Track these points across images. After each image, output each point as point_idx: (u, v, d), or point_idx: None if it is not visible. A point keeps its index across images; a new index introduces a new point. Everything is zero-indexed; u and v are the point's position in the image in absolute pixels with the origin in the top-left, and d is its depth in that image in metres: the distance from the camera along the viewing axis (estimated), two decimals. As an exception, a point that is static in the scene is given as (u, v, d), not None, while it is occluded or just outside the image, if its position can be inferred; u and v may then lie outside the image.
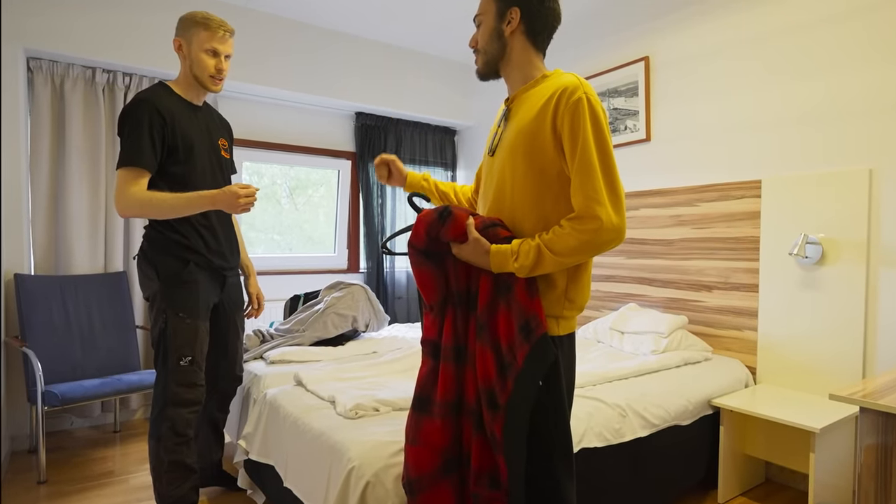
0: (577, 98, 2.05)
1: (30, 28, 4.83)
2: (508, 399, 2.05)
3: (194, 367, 3.22)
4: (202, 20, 3.18)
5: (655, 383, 3.83)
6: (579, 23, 5.98)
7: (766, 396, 3.92)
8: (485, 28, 2.33)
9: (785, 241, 4.17)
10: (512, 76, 2.35)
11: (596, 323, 5.16)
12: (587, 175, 2.02)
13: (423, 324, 2.39)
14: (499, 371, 2.10)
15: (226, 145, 3.52)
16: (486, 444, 2.15)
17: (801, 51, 4.14)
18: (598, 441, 3.20)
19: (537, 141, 2.12)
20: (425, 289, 2.32)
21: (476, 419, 2.17)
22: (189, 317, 3.19)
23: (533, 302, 2.08)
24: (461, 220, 2.19)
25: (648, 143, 5.26)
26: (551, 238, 2.04)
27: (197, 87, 3.31)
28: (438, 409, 2.23)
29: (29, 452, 4.82)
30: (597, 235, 1.99)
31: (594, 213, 1.99)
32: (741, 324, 4.45)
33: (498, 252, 2.11)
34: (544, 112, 2.11)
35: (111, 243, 5.40)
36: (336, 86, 6.52)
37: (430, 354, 2.33)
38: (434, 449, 2.22)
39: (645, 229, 5.19)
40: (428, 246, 2.28)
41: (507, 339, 2.10)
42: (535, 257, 2.04)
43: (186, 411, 3.20)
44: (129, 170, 2.99)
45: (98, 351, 4.95)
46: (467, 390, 2.22)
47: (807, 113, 4.12)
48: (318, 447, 2.88)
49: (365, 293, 5.14)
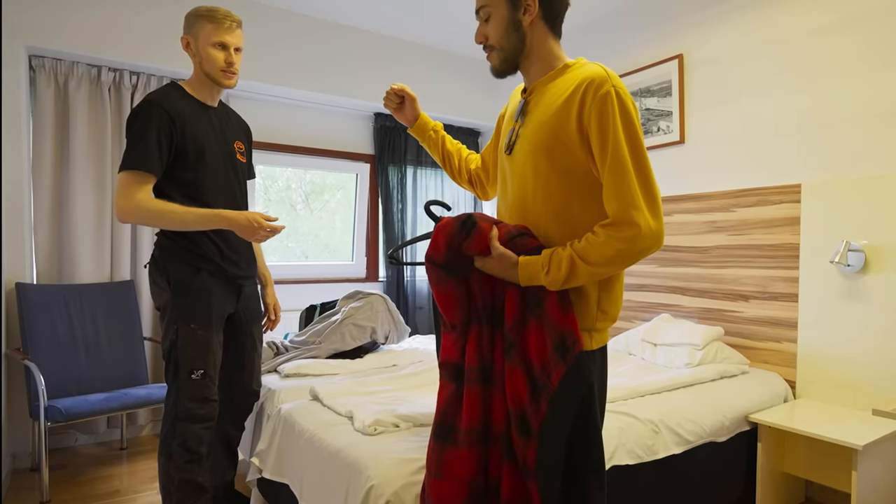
0: (606, 91, 1.97)
1: (32, 24, 4.87)
2: (542, 423, 1.98)
3: (206, 381, 3.22)
4: (206, 13, 3.20)
5: (690, 398, 3.85)
6: (608, 19, 6.04)
7: (806, 412, 3.95)
8: (496, 20, 2.21)
9: (826, 249, 4.20)
10: (532, 68, 2.26)
11: (627, 334, 5.19)
12: (620, 177, 1.95)
13: (442, 344, 2.30)
14: (531, 393, 2.03)
15: (242, 148, 3.54)
16: (517, 472, 2.08)
17: (846, 48, 4.18)
18: (629, 458, 3.21)
19: (561, 139, 2.05)
20: (447, 307, 2.23)
21: (506, 446, 2.10)
22: (200, 328, 3.21)
23: (567, 317, 2.02)
24: (485, 231, 2.12)
25: (682, 145, 5.31)
26: (585, 247, 1.98)
27: (210, 85, 3.33)
28: (464, 438, 2.13)
29: (31, 471, 4.86)
30: (635, 243, 1.93)
31: (631, 218, 1.92)
32: (780, 335, 4.48)
33: (528, 264, 2.04)
34: (568, 106, 2.03)
35: (118, 251, 5.44)
36: (354, 85, 6.55)
37: (451, 378, 2.23)
38: (461, 481, 2.13)
39: (679, 236, 5.23)
40: (448, 259, 2.20)
41: (541, 359, 2.03)
42: (567, 268, 1.98)
43: (198, 427, 3.20)
44: (134, 173, 3.02)
45: (104, 364, 4.98)
46: (495, 415, 2.14)
47: (850, 114, 4.16)
48: (335, 465, 2.88)
49: (384, 303, 5.16)
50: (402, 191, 7.28)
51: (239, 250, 3.43)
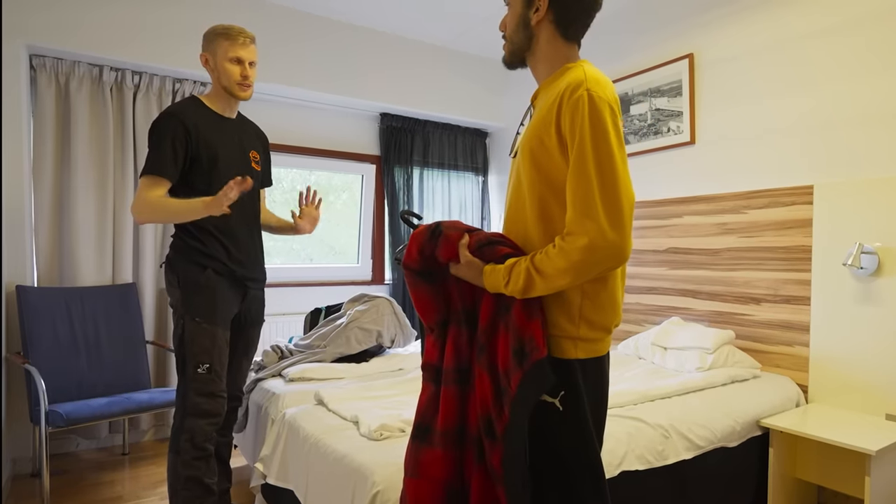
0: (578, 95, 1.94)
1: (32, 23, 4.89)
2: (505, 428, 2.00)
3: (212, 376, 3.38)
4: (223, 31, 3.45)
5: (700, 402, 3.87)
6: (618, 17, 6.06)
7: (818, 416, 3.97)
8: (512, 13, 2.26)
9: (839, 251, 4.22)
10: (538, 69, 2.28)
11: (637, 338, 5.21)
12: (579, 183, 1.91)
13: (425, 347, 2.35)
14: (495, 397, 2.06)
15: (257, 157, 3.76)
16: (486, 476, 2.11)
17: (859, 48, 4.20)
18: (639, 464, 3.23)
19: (544, 143, 2.04)
20: (423, 310, 2.30)
21: (478, 449, 2.13)
22: (205, 322, 3.38)
23: (530, 323, 2.01)
24: (453, 239, 2.16)
25: (693, 145, 5.33)
26: (541, 259, 1.96)
27: (227, 98, 3.57)
28: (439, 439, 2.17)
29: (31, 476, 4.88)
30: (588, 253, 1.87)
31: (583, 227, 1.88)
32: (792, 339, 4.49)
33: (492, 273, 2.07)
34: (551, 112, 2.03)
35: (119, 253, 5.47)
36: (359, 85, 6.58)
37: (431, 380, 2.27)
38: (436, 482, 2.16)
39: (689, 238, 5.25)
40: (423, 266, 2.25)
41: (504, 364, 2.05)
42: (524, 281, 1.97)
43: (205, 423, 3.35)
44: (150, 177, 3.29)
45: (105, 368, 5.01)
46: (470, 417, 2.18)
47: (863, 114, 4.18)
48: (340, 470, 2.91)
49: (390, 306, 5.18)
50: (409, 192, 7.30)
51: (246, 252, 3.62)
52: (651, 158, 5.72)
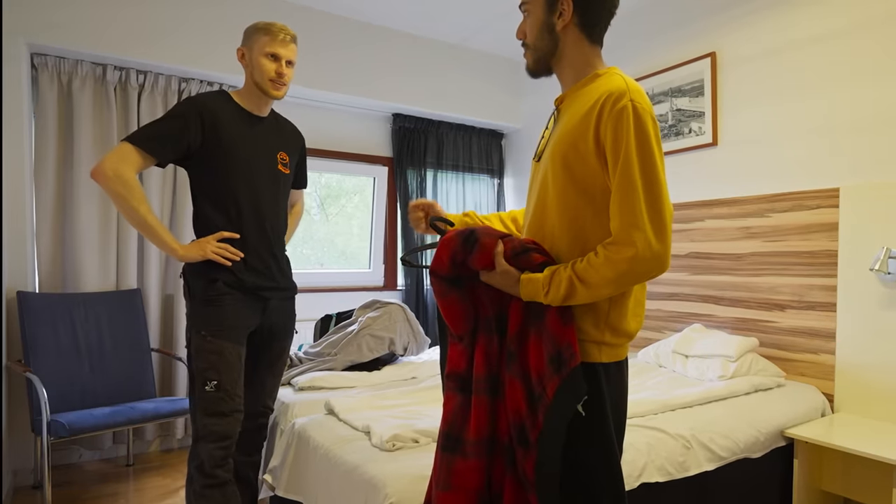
0: (623, 106, 1.99)
1: (34, 21, 4.91)
2: (539, 435, 2.03)
3: (221, 395, 3.21)
4: (264, 27, 3.40)
5: (723, 412, 3.89)
6: (638, 15, 6.09)
7: (844, 426, 3.99)
8: (533, 20, 2.28)
9: (865, 256, 4.24)
10: (564, 74, 2.31)
11: (657, 345, 5.23)
12: (626, 194, 1.97)
13: (448, 356, 2.35)
14: (529, 404, 2.09)
15: (285, 159, 3.64)
16: (518, 484, 2.14)
17: (887, 48, 4.22)
18: (659, 475, 3.26)
19: (579, 150, 2.07)
20: (452, 319, 2.30)
21: (510, 457, 2.16)
22: (212, 335, 3.25)
23: (566, 330, 2.06)
24: (488, 248, 2.17)
25: (715, 147, 5.35)
26: (584, 267, 2.00)
27: (258, 95, 3.49)
28: (472, 448, 2.18)
29: (33, 488, 4.91)
30: (634, 264, 1.94)
31: (630, 238, 1.94)
32: (817, 346, 4.51)
33: (529, 282, 2.09)
34: (588, 118, 2.06)
35: (124, 258, 5.50)
36: (371, 84, 6.59)
37: (456, 389, 2.28)
38: (469, 492, 2.17)
39: (711, 242, 5.27)
40: (453, 272, 2.26)
41: (538, 370, 2.08)
42: (566, 290, 2.01)
43: (213, 447, 3.17)
44: (135, 148, 3.16)
45: (109, 376, 5.03)
46: (500, 425, 2.20)
47: (891, 116, 4.19)
48: (351, 482, 2.92)
49: (403, 313, 5.21)
50: (422, 195, 7.27)
51: (265, 260, 3.51)
52: (672, 160, 5.74)
